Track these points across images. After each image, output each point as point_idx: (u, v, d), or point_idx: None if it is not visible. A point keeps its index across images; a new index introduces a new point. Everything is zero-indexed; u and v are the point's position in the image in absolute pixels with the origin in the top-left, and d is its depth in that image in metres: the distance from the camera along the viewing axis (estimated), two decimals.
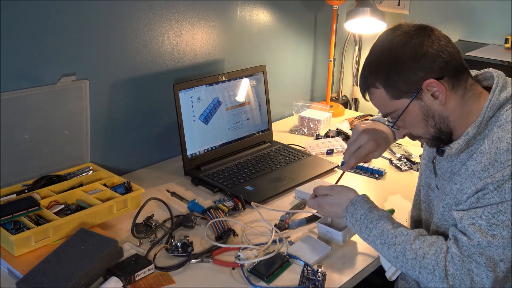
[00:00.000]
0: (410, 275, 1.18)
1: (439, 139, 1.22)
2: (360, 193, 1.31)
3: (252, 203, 1.54)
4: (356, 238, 1.43)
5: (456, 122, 1.18)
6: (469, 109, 1.18)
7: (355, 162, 1.41)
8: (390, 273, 1.29)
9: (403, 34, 1.15)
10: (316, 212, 1.44)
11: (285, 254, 1.32)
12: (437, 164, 1.29)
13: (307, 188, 1.63)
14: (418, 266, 1.15)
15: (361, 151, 1.40)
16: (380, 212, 1.25)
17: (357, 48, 2.49)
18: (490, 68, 1.23)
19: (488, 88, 1.20)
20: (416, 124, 1.20)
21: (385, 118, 1.28)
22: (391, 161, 1.88)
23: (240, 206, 1.54)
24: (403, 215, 1.55)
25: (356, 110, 2.58)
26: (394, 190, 1.70)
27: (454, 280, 1.10)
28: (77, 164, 1.64)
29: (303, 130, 2.18)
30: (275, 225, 1.45)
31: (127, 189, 1.53)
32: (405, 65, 1.14)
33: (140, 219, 1.43)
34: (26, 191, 1.49)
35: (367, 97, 1.24)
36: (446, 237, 1.21)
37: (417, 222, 1.43)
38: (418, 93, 1.15)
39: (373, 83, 1.19)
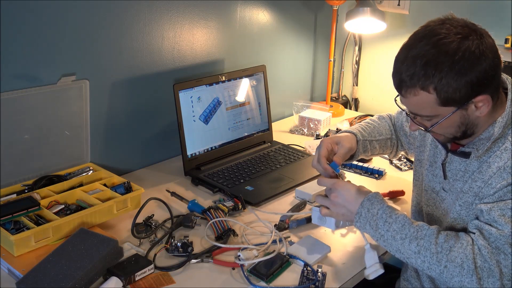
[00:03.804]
0: (431, 271, 1.15)
1: (456, 139, 1.22)
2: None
3: (250, 206, 1.54)
4: (354, 236, 1.43)
5: (481, 127, 1.19)
6: (495, 115, 1.18)
7: (323, 164, 1.37)
8: (369, 272, 1.26)
9: (467, 40, 1.09)
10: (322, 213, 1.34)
11: (285, 254, 1.32)
12: (448, 166, 1.28)
13: (307, 188, 1.63)
14: (444, 260, 1.13)
15: (319, 154, 1.38)
16: (395, 209, 1.23)
17: (357, 48, 2.49)
18: None
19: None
20: (448, 128, 1.19)
21: (410, 115, 1.22)
22: (391, 161, 1.88)
23: (240, 206, 1.54)
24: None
25: (356, 110, 2.58)
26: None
27: (483, 272, 1.10)
28: (77, 164, 1.64)
29: (303, 130, 2.18)
30: (275, 226, 1.45)
31: (127, 189, 1.53)
32: (467, 76, 1.08)
33: (140, 219, 1.43)
34: (26, 191, 1.48)
35: (403, 92, 1.15)
36: None
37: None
38: (466, 103, 1.13)
39: (425, 86, 1.11)
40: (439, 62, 1.09)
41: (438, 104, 1.13)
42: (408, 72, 1.12)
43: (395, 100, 1.23)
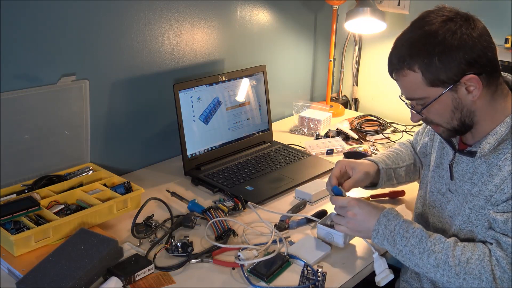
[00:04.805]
0: (451, 284, 1.15)
1: (457, 131, 1.21)
2: (360, 193, 1.30)
3: (249, 202, 1.54)
4: (354, 238, 1.43)
5: (481, 118, 1.18)
6: (497, 107, 1.18)
7: (333, 183, 1.39)
8: (380, 278, 1.26)
9: (451, 22, 1.12)
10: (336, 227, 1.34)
11: (285, 254, 1.32)
12: (455, 166, 1.27)
13: (307, 188, 1.63)
14: (463, 273, 1.13)
15: (333, 172, 1.42)
16: (411, 222, 1.23)
17: (357, 48, 2.49)
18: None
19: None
20: (442, 114, 1.18)
21: (407, 101, 1.23)
22: None
23: (240, 206, 1.54)
24: (403, 215, 1.54)
25: (356, 110, 2.58)
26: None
27: (503, 283, 1.10)
28: (77, 164, 1.64)
29: (303, 130, 2.18)
30: (275, 225, 1.45)
31: (127, 189, 1.53)
32: (451, 55, 1.10)
33: (140, 219, 1.43)
34: (26, 191, 1.49)
35: (394, 76, 1.19)
36: (468, 239, 1.21)
37: (424, 226, 1.41)
38: (454, 85, 1.13)
39: (411, 66, 1.14)
40: (423, 42, 1.13)
41: (426, 85, 1.15)
42: (397, 55, 1.17)
43: (400, 97, 1.24)
